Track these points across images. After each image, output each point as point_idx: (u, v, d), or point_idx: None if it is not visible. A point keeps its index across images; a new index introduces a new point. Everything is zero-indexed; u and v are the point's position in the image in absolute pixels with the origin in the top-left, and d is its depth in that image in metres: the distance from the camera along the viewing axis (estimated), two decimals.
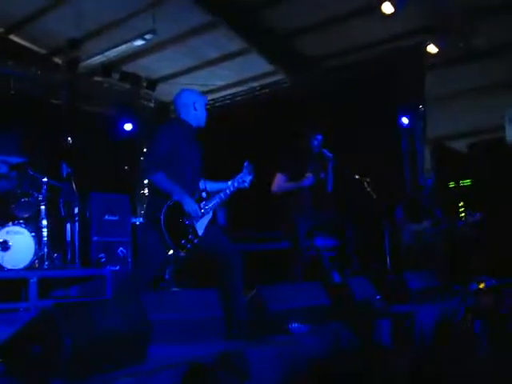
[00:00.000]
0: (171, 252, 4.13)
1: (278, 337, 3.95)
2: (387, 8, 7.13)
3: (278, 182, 5.96)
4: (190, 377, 2.81)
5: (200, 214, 4.04)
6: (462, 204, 8.32)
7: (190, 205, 3.98)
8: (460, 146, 10.15)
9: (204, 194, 4.19)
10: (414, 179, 8.46)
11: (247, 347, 3.51)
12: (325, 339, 3.77)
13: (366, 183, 6.40)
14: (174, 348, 3.50)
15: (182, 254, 4.08)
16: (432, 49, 7.90)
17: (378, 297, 5.25)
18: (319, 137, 6.04)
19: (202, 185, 4.26)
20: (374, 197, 6.39)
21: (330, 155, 6.02)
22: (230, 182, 4.38)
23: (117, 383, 2.61)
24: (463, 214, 7.95)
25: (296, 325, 4.20)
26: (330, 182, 6.10)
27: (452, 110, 9.36)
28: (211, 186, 4.34)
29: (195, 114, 4.26)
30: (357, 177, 6.43)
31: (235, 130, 9.03)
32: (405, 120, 8.25)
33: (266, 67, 9.30)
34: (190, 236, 3.97)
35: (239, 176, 4.44)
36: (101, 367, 2.71)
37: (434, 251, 7.41)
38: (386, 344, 3.65)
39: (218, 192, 4.30)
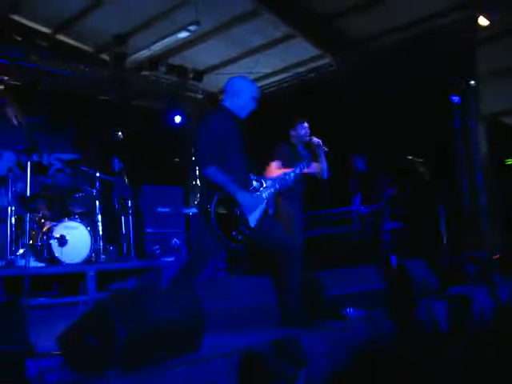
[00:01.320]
0: (223, 243, 4.10)
1: (334, 323, 3.91)
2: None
3: (270, 169, 5.74)
4: (246, 365, 2.80)
5: (256, 206, 3.99)
6: None
7: (245, 198, 3.93)
8: None
9: (256, 184, 4.14)
10: (469, 158, 8.23)
11: (302, 334, 3.49)
12: (379, 325, 3.71)
13: (418, 164, 6.26)
14: (228, 336, 3.50)
15: (234, 245, 4.04)
16: (483, 21, 7.63)
17: (434, 279, 5.14)
18: (304, 124, 5.89)
19: (253, 176, 4.22)
20: (428, 178, 6.25)
21: (319, 141, 5.80)
22: (286, 172, 4.32)
23: (170, 372, 2.63)
24: None
25: (352, 310, 4.15)
26: (324, 169, 5.85)
27: (507, 85, 9.04)
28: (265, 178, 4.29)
29: (238, 103, 4.18)
30: (409, 157, 6.30)
31: (284, 117, 8.96)
32: (457, 97, 8.01)
33: (312, 51, 9.18)
34: (241, 227, 3.92)
35: (298, 165, 4.39)
36: (155, 357, 2.73)
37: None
38: (442, 328, 3.56)
39: (272, 182, 4.25)
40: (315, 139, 5.79)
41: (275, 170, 5.61)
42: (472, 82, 8.13)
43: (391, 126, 7.81)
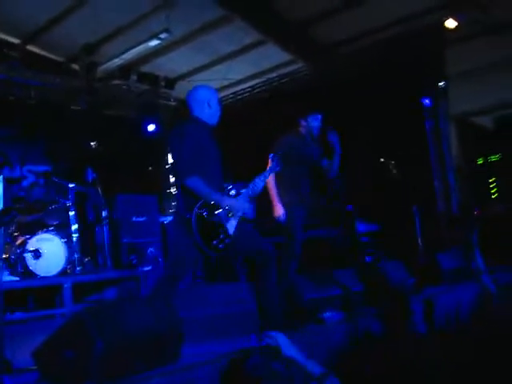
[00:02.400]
0: (203, 253, 4.08)
1: (311, 326, 3.92)
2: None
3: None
4: (230, 373, 2.78)
5: (242, 208, 4.00)
6: (493, 180, 8.17)
7: (231, 203, 3.94)
8: (485, 121, 9.95)
9: (232, 192, 4.15)
10: (441, 159, 8.33)
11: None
12: (357, 328, 3.73)
13: (390, 166, 6.31)
14: (207, 345, 3.50)
15: (214, 254, 4.03)
16: (451, 24, 7.73)
17: (411, 280, 5.18)
18: (318, 116, 5.60)
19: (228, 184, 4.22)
20: (400, 179, 6.31)
21: (334, 136, 5.53)
22: (257, 177, 4.33)
23: (150, 383, 2.62)
24: (495, 190, 7.82)
25: (329, 313, 4.16)
26: (334, 166, 5.60)
27: (476, 86, 9.17)
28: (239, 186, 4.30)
29: (209, 112, 4.19)
30: (382, 160, 6.34)
31: (257, 123, 8.98)
32: (428, 99, 8.11)
33: (283, 57, 9.21)
34: (221, 236, 3.92)
35: (268, 169, 4.40)
36: (134, 368, 2.71)
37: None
38: (419, 330, 3.59)
39: (246, 186, 4.26)
40: (332, 134, 5.54)
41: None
42: (442, 84, 8.26)
43: (364, 129, 7.87)
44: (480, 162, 8.65)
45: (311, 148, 5.63)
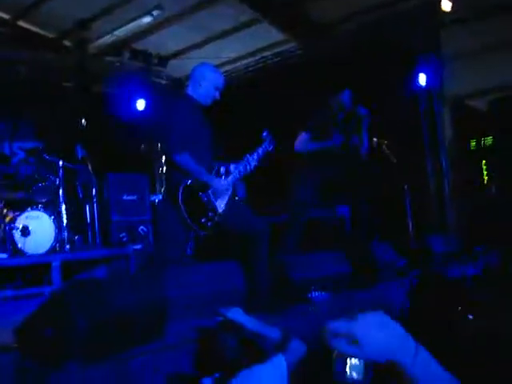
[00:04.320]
0: (192, 230, 4.08)
1: (298, 307, 3.91)
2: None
3: (300, 140, 5.73)
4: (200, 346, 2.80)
5: (227, 191, 3.98)
6: (484, 163, 8.15)
7: (218, 184, 3.92)
8: (480, 104, 9.91)
9: (222, 170, 4.13)
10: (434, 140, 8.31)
11: (267, 317, 3.48)
12: (344, 308, 3.72)
13: (384, 146, 6.28)
14: (193, 322, 3.47)
15: (203, 232, 4.02)
16: (446, 6, 7.66)
17: (400, 261, 5.18)
18: (348, 92, 5.70)
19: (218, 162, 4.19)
20: (394, 160, 6.28)
21: (365, 111, 5.65)
22: (249, 155, 4.30)
23: (134, 361, 2.60)
24: (486, 173, 7.80)
25: (317, 293, 4.16)
26: (364, 144, 5.76)
27: (472, 67, 9.11)
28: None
29: (200, 91, 4.16)
30: (375, 140, 6.30)
31: (250, 101, 8.92)
32: (422, 80, 8.06)
33: (278, 36, 9.13)
34: (209, 213, 3.92)
35: (259, 148, 4.37)
36: (117, 346, 2.69)
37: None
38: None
39: (237, 165, 4.23)
40: (363, 109, 5.63)
41: (305, 142, 5.60)
42: (436, 65, 8.20)
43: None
44: (473, 144, 8.63)
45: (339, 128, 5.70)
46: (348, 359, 1.22)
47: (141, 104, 9.40)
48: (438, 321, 3.07)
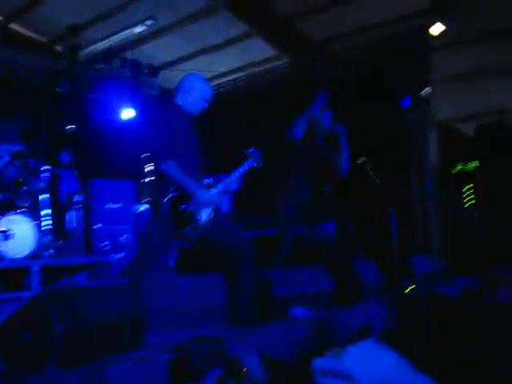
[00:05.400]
0: (175, 241, 4.06)
1: (279, 323, 3.89)
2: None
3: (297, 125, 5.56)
4: (173, 362, 2.77)
5: (212, 203, 3.97)
6: (469, 187, 8.20)
7: (203, 196, 3.90)
8: (469, 128, 10.00)
9: (207, 181, 4.12)
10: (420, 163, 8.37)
11: (248, 332, 3.46)
12: (325, 326, 3.71)
13: (368, 168, 6.29)
14: (173, 334, 3.45)
15: (186, 243, 4.00)
16: (438, 29, 7.75)
17: (382, 280, 5.19)
18: (328, 112, 5.66)
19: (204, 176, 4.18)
20: (377, 181, 6.28)
21: (341, 129, 5.59)
22: (233, 171, 4.29)
23: (111, 369, 2.56)
24: (472, 196, 7.84)
25: (298, 310, 4.14)
26: (344, 160, 5.70)
27: (459, 92, 9.22)
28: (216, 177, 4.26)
29: (190, 101, 4.16)
30: (359, 161, 6.31)
31: (238, 117, 8.94)
32: (410, 103, 8.12)
33: (269, 52, 9.18)
34: (192, 225, 3.90)
35: (244, 163, 4.36)
36: (96, 353, 2.66)
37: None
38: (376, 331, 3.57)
39: (221, 179, 4.22)
40: (338, 126, 5.59)
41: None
42: (425, 88, 8.28)
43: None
44: (459, 167, 8.69)
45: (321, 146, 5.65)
46: None
47: (129, 112, 9.38)
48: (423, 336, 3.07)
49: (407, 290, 4.67)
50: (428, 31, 7.78)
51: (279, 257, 5.51)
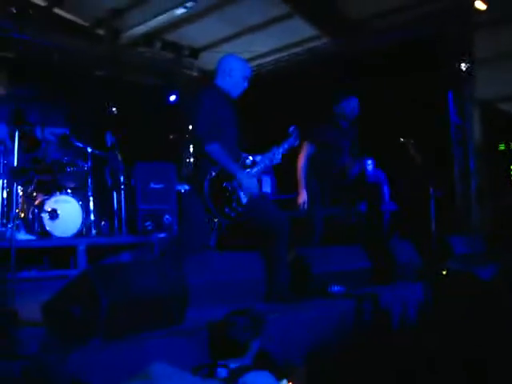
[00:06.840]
0: (216, 220, 4.12)
1: (317, 300, 3.95)
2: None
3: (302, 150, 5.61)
4: (211, 335, 2.85)
5: (253, 185, 4.01)
6: None
7: (245, 178, 3.96)
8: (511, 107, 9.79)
9: (248, 161, 4.16)
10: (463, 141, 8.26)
11: (286, 309, 3.54)
12: (361, 304, 3.75)
13: (410, 146, 6.25)
14: (213, 310, 3.54)
15: (226, 222, 4.07)
16: (480, 5, 7.58)
17: (419, 261, 5.18)
18: (354, 100, 5.65)
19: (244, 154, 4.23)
20: (419, 160, 6.25)
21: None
22: (275, 148, 4.33)
23: (151, 342, 2.67)
24: None
25: (336, 287, 4.19)
26: (355, 165, 5.74)
27: (502, 71, 9.01)
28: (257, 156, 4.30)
29: (229, 82, 4.18)
30: (401, 140, 6.28)
31: (279, 97, 8.94)
32: (451, 82, 8.01)
33: (310, 32, 9.13)
34: (233, 204, 3.95)
35: (285, 142, 4.39)
36: (138, 327, 2.77)
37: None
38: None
39: (262, 158, 4.26)
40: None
41: (304, 153, 5.57)
42: (468, 66, 8.13)
43: (385, 109, 7.80)
44: (502, 147, 8.54)
45: (346, 137, 5.66)
46: None
47: (171, 94, 9.48)
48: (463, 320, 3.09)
49: (444, 271, 4.67)
50: (472, 6, 7.61)
51: (315, 236, 5.55)
